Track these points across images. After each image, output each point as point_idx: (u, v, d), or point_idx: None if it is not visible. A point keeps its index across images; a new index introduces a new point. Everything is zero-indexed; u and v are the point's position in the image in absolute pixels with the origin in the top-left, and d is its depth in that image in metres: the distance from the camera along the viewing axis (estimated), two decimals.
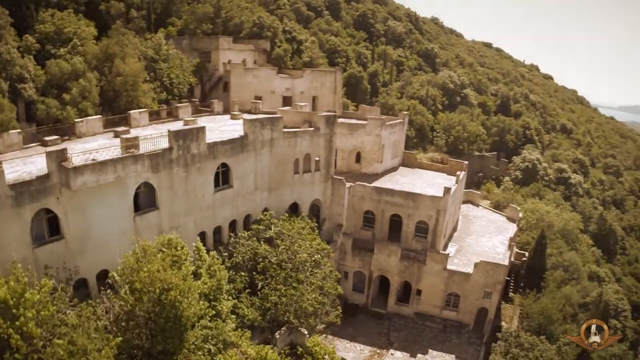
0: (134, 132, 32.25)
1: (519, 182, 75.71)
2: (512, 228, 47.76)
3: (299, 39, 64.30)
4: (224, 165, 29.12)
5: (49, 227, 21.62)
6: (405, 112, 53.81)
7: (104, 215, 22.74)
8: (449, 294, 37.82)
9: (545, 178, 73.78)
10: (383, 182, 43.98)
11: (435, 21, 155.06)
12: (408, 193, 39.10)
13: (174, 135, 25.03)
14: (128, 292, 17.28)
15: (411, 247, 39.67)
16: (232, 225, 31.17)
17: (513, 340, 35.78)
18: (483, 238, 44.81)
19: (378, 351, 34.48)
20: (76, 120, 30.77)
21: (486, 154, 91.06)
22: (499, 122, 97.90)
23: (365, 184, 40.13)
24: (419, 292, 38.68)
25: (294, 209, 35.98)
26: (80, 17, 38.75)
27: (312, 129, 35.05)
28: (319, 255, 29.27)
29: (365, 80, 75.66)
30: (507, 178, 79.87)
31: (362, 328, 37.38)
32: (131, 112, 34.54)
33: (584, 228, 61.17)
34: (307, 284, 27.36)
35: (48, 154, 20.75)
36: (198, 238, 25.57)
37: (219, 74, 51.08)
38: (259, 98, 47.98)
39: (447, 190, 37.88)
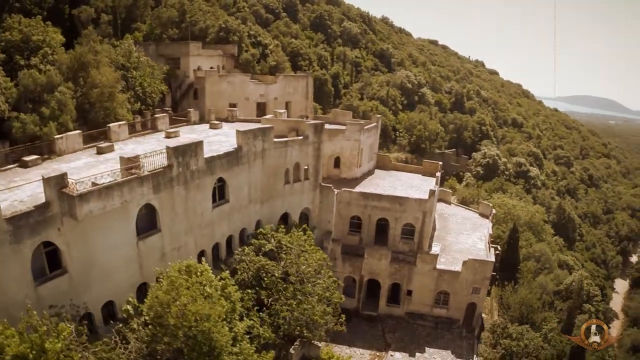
0: (117, 148, 30.92)
1: (481, 177, 78.94)
2: (486, 224, 49.62)
3: (264, 43, 63.42)
4: (220, 179, 28.22)
5: (49, 261, 19.96)
6: (379, 116, 54.49)
7: (107, 243, 21.39)
8: (439, 292, 38.77)
9: (506, 173, 77.37)
10: (364, 187, 44.29)
11: (385, 21, 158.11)
12: (395, 197, 39.61)
13: (174, 152, 23.91)
14: (158, 327, 16.26)
15: (398, 249, 40.25)
16: (229, 240, 30.34)
17: (501, 332, 37.44)
18: (461, 235, 46.23)
19: (378, 354, 34.80)
20: (56, 137, 28.71)
21: (446, 151, 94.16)
22: (455, 119, 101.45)
23: (352, 190, 40.24)
24: (409, 292, 39.37)
25: (284, 219, 35.53)
26: (48, 23, 35.99)
27: (301, 137, 34.71)
28: (322, 267, 29.02)
29: (329, 83, 75.91)
30: (468, 174, 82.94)
31: (357, 332, 37.50)
32: (111, 125, 32.84)
33: (547, 219, 64.77)
34: (313, 296, 27.09)
35: (46, 181, 19.10)
36: (205, 260, 24.52)
37: (189, 80, 49.43)
38: (234, 105, 47.00)
39: (432, 192, 38.76)
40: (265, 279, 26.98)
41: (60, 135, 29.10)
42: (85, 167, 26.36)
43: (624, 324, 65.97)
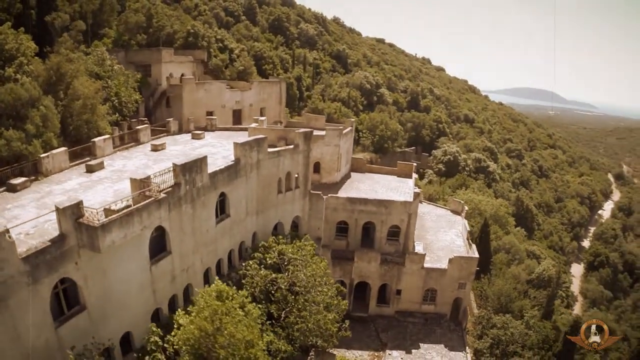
0: (107, 164, 29.72)
1: (443, 174, 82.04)
2: (459, 220, 51.88)
3: (230, 48, 62.57)
4: (221, 194, 27.87)
5: (66, 298, 18.93)
6: (353, 119, 55.36)
7: (123, 272, 20.56)
8: (427, 289, 40.26)
9: (467, 169, 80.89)
10: (346, 191, 44.93)
11: (337, 21, 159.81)
12: (381, 200, 40.56)
13: (181, 169, 23.37)
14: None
15: (385, 251, 41.28)
16: (230, 255, 30.05)
17: (486, 323, 39.52)
18: (439, 233, 48.11)
19: (376, 354, 35.71)
20: (42, 155, 27.08)
21: (407, 149, 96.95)
22: (413, 117, 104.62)
23: (339, 195, 40.83)
24: (398, 292, 40.59)
25: (277, 229, 35.55)
26: (21, 30, 33.66)
27: (292, 146, 34.79)
28: (325, 276, 29.40)
29: (294, 87, 76.09)
30: (430, 171, 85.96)
31: (351, 334, 38.16)
32: (96, 140, 31.39)
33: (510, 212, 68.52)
34: (322, 305, 27.45)
35: (61, 211, 17.71)
36: (217, 278, 24.12)
37: (162, 88, 47.94)
38: (210, 113, 46.25)
39: (416, 194, 40.14)
40: (275, 292, 26.99)
41: (46, 154, 27.51)
42: (81, 188, 25.21)
43: (583, 306, 71.49)
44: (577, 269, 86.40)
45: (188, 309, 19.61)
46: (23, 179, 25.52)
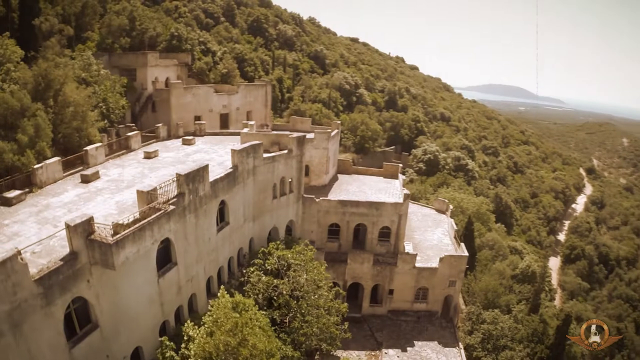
0: (102, 174, 29.28)
1: (423, 173, 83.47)
2: (445, 219, 53.10)
3: (213, 50, 62.15)
4: (221, 202, 27.91)
5: (78, 317, 18.60)
6: (339, 122, 55.87)
7: (133, 287, 20.36)
8: (419, 288, 41.14)
9: (447, 167, 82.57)
10: (335, 193, 45.50)
11: (313, 21, 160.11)
12: (372, 202, 41.19)
13: (185, 179, 23.32)
14: None
15: (376, 252, 41.94)
16: (229, 262, 30.11)
17: (475, 318, 40.73)
18: (426, 232, 49.13)
19: (373, 353, 36.30)
20: (35, 166, 26.49)
21: (386, 149, 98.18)
22: (392, 117, 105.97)
23: (331, 198, 41.25)
24: (390, 291, 41.36)
25: (272, 234, 35.75)
26: (6, 34, 32.70)
27: (285, 151, 35.03)
28: (325, 279, 29.82)
29: (276, 89, 76.13)
30: (410, 170, 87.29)
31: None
32: (88, 149, 30.85)
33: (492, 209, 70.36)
34: (325, 309, 27.89)
35: (72, 229, 17.27)
36: (222, 287, 24.16)
37: (147, 93, 47.31)
38: (198, 117, 46.00)
39: (407, 196, 40.92)
40: (277, 298, 27.24)
41: (40, 165, 26.92)
42: (80, 200, 24.87)
43: (562, 298, 74.21)
44: (554, 262, 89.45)
45: (202, 321, 19.59)
46: (18, 191, 25.00)
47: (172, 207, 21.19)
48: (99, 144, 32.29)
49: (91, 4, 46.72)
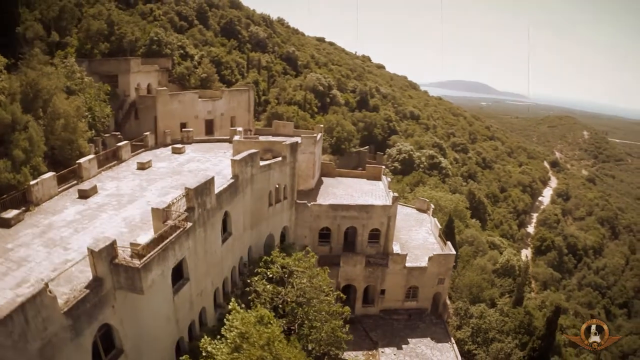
0: (99, 187, 28.82)
1: (399, 172, 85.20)
2: (426, 218, 54.67)
3: (191, 54, 61.47)
4: (225, 213, 28.06)
5: (103, 344, 18.21)
6: (321, 125, 56.53)
7: (152, 308, 20.23)
8: (409, 287, 42.45)
9: (421, 166, 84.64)
10: (323, 197, 46.11)
11: (281, 22, 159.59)
12: (362, 205, 42.09)
13: (194, 193, 23.38)
14: None
15: (366, 253, 42.97)
16: (232, 272, 30.30)
17: (464, 314, 42.43)
18: (411, 232, 50.49)
19: (370, 353, 37.27)
20: (31, 183, 25.69)
21: (361, 149, 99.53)
22: (365, 117, 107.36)
23: (321, 203, 41.89)
24: (382, 291, 42.47)
25: (268, 241, 36.08)
26: None
27: (280, 159, 35.39)
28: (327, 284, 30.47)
29: (254, 92, 75.90)
30: (386, 170, 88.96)
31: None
32: (81, 161, 30.16)
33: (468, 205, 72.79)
34: (330, 314, 28.58)
35: (97, 254, 16.87)
36: (232, 299, 24.37)
37: (130, 100, 46.41)
38: (184, 124, 45.62)
39: (395, 198, 42.09)
40: (283, 305, 27.67)
41: (35, 181, 26.14)
42: (84, 218, 24.41)
43: (535, 288, 77.69)
44: (525, 254, 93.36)
45: (225, 336, 19.72)
46: (15, 211, 23.77)
47: (189, 224, 21.19)
48: (91, 156, 31.66)
49: (69, 7, 45.18)
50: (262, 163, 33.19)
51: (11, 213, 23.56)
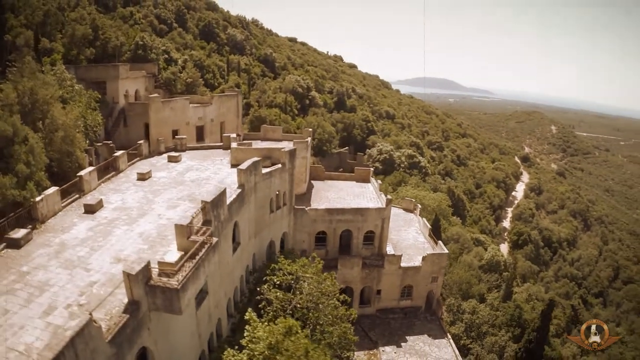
0: (104, 201, 28.49)
1: (380, 172, 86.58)
2: (414, 218, 56.10)
3: (175, 58, 60.90)
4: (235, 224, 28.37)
5: None
6: (310, 129, 57.06)
7: (180, 325, 20.29)
8: (404, 286, 43.71)
9: (402, 165, 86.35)
10: (316, 201, 46.78)
11: (256, 23, 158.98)
12: (357, 209, 42.97)
13: (211, 206, 23.66)
14: None
15: (361, 255, 44.02)
16: (240, 281, 30.64)
17: (456, 310, 44.03)
18: (401, 232, 51.81)
19: (371, 352, 38.24)
20: (37, 199, 25.15)
21: (341, 150, 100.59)
22: (344, 118, 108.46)
23: (317, 207, 42.54)
24: (378, 292, 43.57)
25: (270, 247, 36.52)
26: None
27: (279, 166, 35.83)
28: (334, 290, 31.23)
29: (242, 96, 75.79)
30: (358, 169, 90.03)
31: None
32: (82, 174, 29.62)
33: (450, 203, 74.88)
34: (338, 317, 29.36)
35: (133, 277, 16.65)
36: (250, 310, 24.76)
37: (119, 107, 45.67)
38: (176, 131, 45.36)
39: (389, 200, 43.21)
40: (293, 312, 28.24)
41: (40, 197, 25.59)
42: (97, 235, 23.66)
43: (515, 282, 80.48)
44: (502, 249, 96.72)
45: (244, 346, 19.93)
46: (24, 230, 22.66)
47: (215, 239, 21.41)
48: (91, 168, 31.14)
49: (53, 12, 43.90)
50: (263, 170, 33.63)
51: (20, 232, 22.54)
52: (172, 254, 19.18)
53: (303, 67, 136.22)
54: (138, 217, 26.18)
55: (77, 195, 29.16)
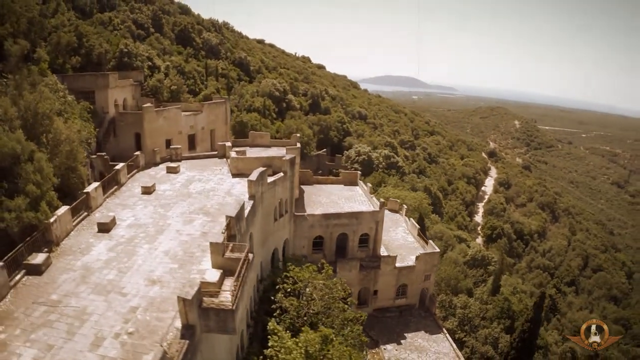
0: (116, 219, 28.45)
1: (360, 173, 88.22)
2: (400, 218, 58.00)
3: (157, 65, 60.38)
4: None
5: None
6: (298, 135, 57.98)
7: (222, 344, 20.69)
8: (399, 286, 45.50)
9: (380, 166, 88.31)
10: (310, 206, 47.68)
11: (226, 26, 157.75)
12: (352, 213, 44.37)
13: (236, 220, 24.35)
14: None
15: (357, 257, 45.45)
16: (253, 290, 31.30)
17: (448, 306, 46.19)
18: (390, 232, 53.49)
19: (374, 351, 39.83)
20: (51, 220, 24.77)
21: (320, 152, 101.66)
22: (320, 120, 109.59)
23: (314, 213, 43.62)
24: (375, 292, 45.17)
25: (274, 255, 37.37)
26: None
27: (282, 174, 36.65)
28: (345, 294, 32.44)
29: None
30: (345, 172, 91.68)
31: None
32: (89, 190, 29.37)
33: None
34: (350, 320, 30.64)
35: (188, 303, 16.50)
36: (272, 320, 25.52)
37: (109, 117, 45.03)
38: (169, 141, 45.31)
39: (382, 204, 44.79)
40: (308, 318, 29.26)
41: (54, 218, 24.54)
42: (120, 256, 22.93)
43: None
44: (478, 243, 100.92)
45: (268, 356, 20.60)
46: (43, 255, 21.79)
47: (251, 254, 21.85)
48: (97, 184, 30.84)
49: (38, 19, 42.46)
50: (268, 180, 34.40)
51: (39, 257, 21.61)
52: (213, 274, 19.35)
53: (277, 70, 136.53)
54: (157, 234, 25.88)
55: (85, 213, 28.55)
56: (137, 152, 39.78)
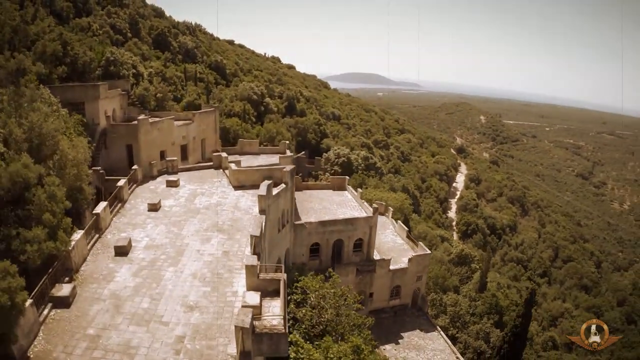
0: (129, 240, 28.46)
1: (340, 175, 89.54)
2: (387, 221, 59.89)
3: (141, 72, 59.77)
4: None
5: None
6: (287, 142, 58.86)
7: None
8: (393, 287, 47.42)
9: (359, 167, 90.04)
10: (305, 213, 48.82)
11: (199, 28, 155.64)
12: (347, 219, 45.83)
13: (259, 239, 25.21)
14: None
15: (351, 262, 47.05)
16: None
17: (438, 304, 48.50)
18: (379, 235, 55.04)
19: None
20: (69, 248, 23.91)
21: (299, 154, 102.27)
22: (297, 123, 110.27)
23: (310, 220, 44.74)
24: (370, 294, 46.87)
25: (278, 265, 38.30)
26: None
27: (284, 186, 37.58)
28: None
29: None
30: (326, 174, 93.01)
31: None
32: (99, 211, 29.31)
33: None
34: (358, 326, 32.17)
35: (245, 331, 16.84)
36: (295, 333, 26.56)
37: (100, 129, 44.39)
38: (163, 152, 45.29)
39: (375, 209, 46.47)
40: (318, 326, 30.56)
41: (72, 245, 23.95)
42: (147, 281, 22.80)
43: None
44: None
45: None
46: (68, 286, 21.41)
47: (284, 274, 22.42)
48: (104, 204, 30.71)
49: (22, 28, 41.07)
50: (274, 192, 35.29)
51: (64, 289, 21.15)
52: (253, 297, 19.78)
53: (251, 73, 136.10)
54: (178, 256, 25.68)
55: (97, 235, 28.51)
56: (135, 166, 39.66)
